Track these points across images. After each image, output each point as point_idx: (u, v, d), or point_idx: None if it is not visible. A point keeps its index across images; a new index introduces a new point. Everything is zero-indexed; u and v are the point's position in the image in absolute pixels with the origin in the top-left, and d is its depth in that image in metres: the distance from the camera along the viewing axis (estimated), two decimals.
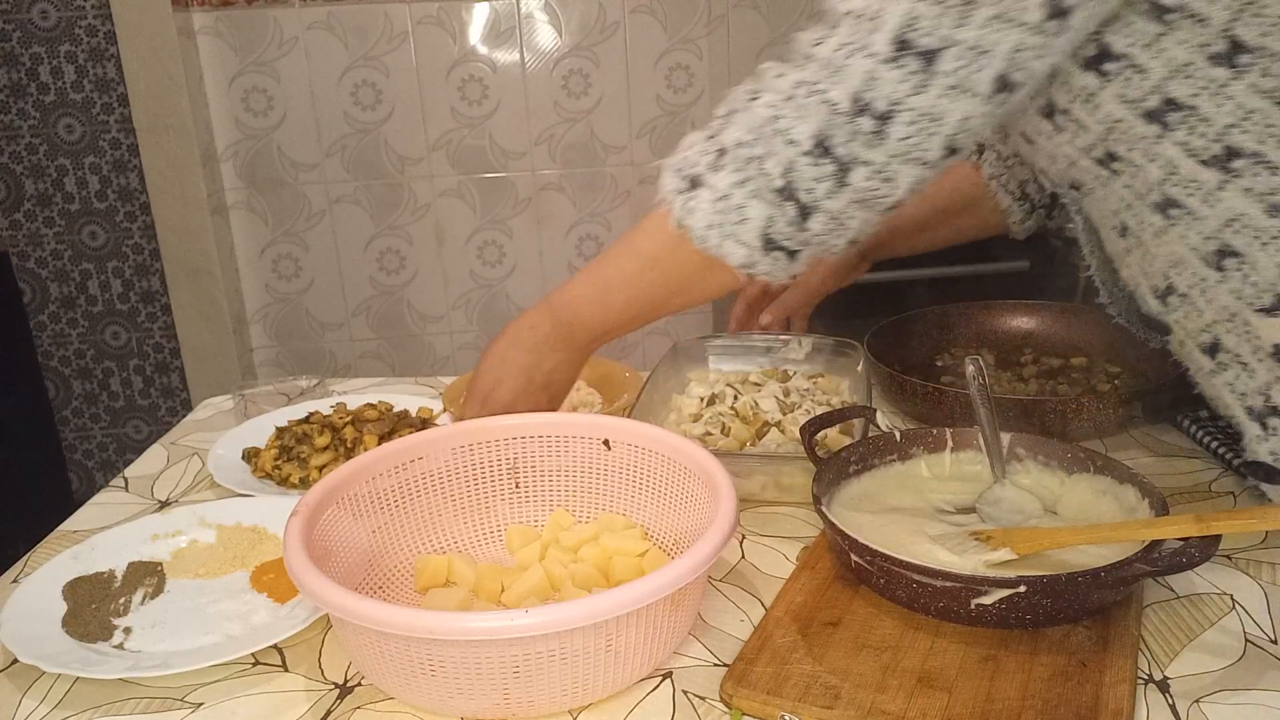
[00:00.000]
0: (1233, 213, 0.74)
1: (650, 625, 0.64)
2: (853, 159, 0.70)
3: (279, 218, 2.56)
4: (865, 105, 0.68)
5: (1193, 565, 0.67)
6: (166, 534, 0.88)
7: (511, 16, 2.47)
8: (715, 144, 0.76)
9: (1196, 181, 0.74)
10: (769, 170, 0.72)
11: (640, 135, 2.61)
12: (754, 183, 0.73)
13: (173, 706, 0.68)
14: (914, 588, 0.71)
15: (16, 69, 2.49)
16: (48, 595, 0.79)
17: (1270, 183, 0.72)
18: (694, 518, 0.77)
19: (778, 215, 0.73)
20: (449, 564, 0.79)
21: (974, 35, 0.65)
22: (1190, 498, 0.90)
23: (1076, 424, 0.98)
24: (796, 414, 1.02)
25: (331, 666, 0.72)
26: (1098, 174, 0.81)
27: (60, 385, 2.76)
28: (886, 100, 0.67)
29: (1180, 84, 0.71)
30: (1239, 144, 0.71)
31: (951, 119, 0.68)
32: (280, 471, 1.00)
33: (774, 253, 0.75)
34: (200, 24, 2.38)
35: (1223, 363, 0.82)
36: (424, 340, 2.71)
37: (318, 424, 1.04)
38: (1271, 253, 0.74)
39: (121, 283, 2.69)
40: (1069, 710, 0.61)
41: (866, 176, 0.70)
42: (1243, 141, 0.71)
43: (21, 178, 2.58)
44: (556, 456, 0.86)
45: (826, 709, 0.62)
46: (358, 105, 2.49)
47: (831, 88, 0.69)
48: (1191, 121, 0.72)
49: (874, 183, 0.70)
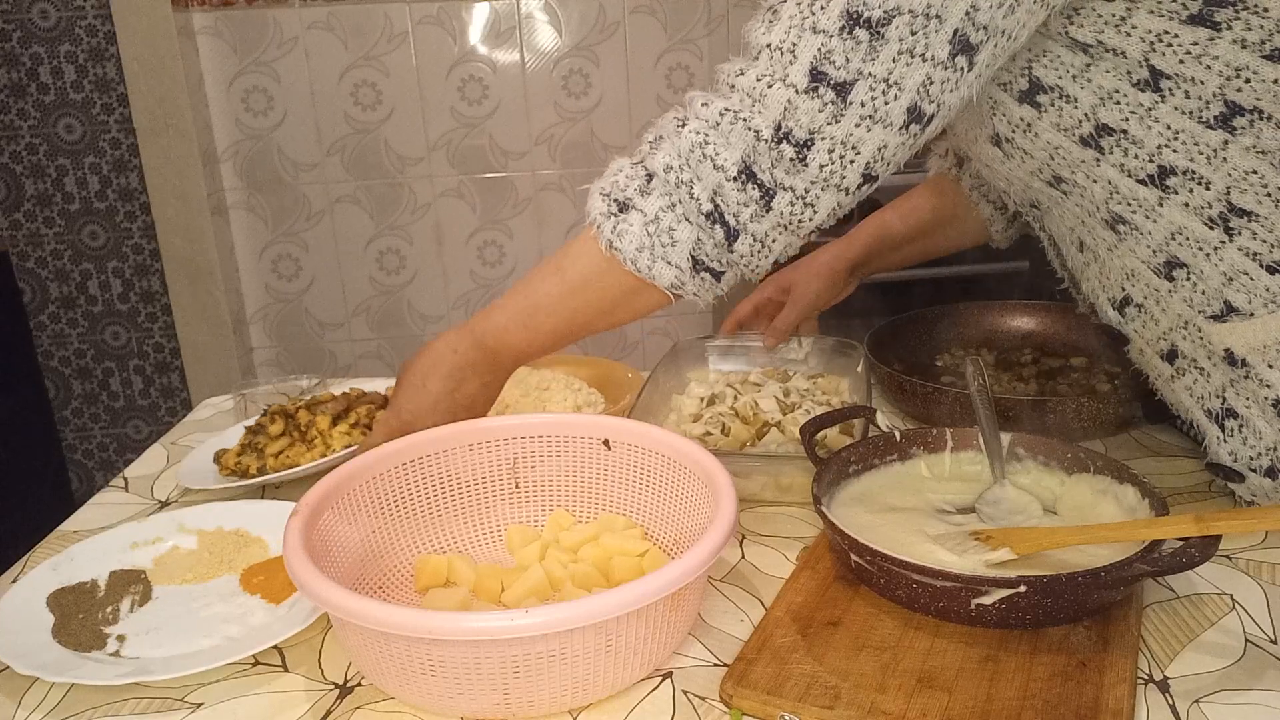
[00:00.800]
0: (1174, 226, 0.78)
1: (650, 625, 0.64)
2: (776, 185, 0.72)
3: (279, 218, 2.56)
4: (786, 133, 0.71)
5: (1193, 565, 0.67)
6: (146, 541, 0.88)
7: (511, 16, 2.47)
8: (643, 169, 0.77)
9: (1137, 199, 0.78)
10: (697, 195, 0.74)
11: (640, 135, 2.60)
12: (683, 206, 0.75)
13: (173, 707, 0.68)
14: (914, 588, 0.71)
15: (16, 69, 2.49)
16: (32, 607, 0.79)
17: (1204, 196, 0.76)
18: (694, 518, 0.77)
19: (705, 238, 0.75)
20: (449, 564, 0.79)
21: (884, 69, 0.68)
22: (1190, 498, 0.90)
23: (1076, 424, 0.98)
24: (796, 414, 1.02)
25: (331, 666, 0.72)
26: (1050, 194, 0.85)
27: (60, 385, 2.76)
28: (805, 129, 0.70)
29: (1110, 110, 0.76)
30: (1171, 163, 0.76)
31: (868, 148, 0.71)
32: (241, 464, 1.00)
33: (701, 274, 0.77)
34: (200, 24, 2.38)
35: (1180, 368, 0.85)
36: (424, 340, 2.71)
37: (272, 413, 1.04)
38: (1214, 262, 0.78)
39: (121, 283, 2.69)
40: (1069, 710, 0.61)
41: (789, 202, 0.73)
42: (1174, 160, 0.75)
43: (21, 178, 2.58)
44: (556, 456, 0.86)
45: (826, 709, 0.62)
46: (358, 105, 2.49)
47: (754, 116, 0.72)
48: (1125, 144, 0.76)
49: (796, 208, 0.73)
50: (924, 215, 1.18)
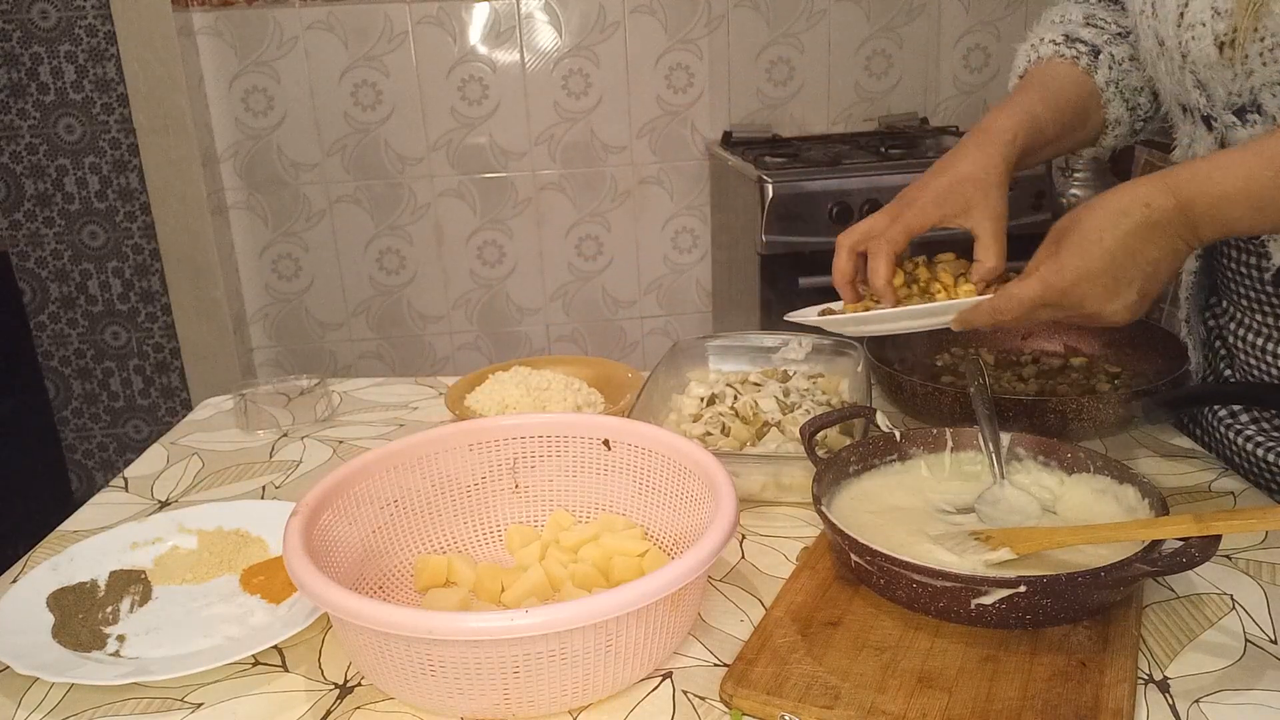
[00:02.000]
0: None
1: (650, 625, 0.64)
2: None
3: (279, 218, 2.56)
4: None
5: (1193, 565, 0.67)
6: (146, 541, 0.88)
7: (511, 16, 2.47)
8: None
9: None
10: None
11: (640, 135, 2.61)
12: None
13: (173, 707, 0.68)
14: (914, 588, 0.71)
15: (16, 69, 2.49)
16: (32, 608, 0.79)
17: None
18: (694, 518, 0.77)
19: None
20: (449, 564, 0.79)
21: None
22: (1190, 498, 0.90)
23: (1076, 424, 0.98)
24: (796, 414, 1.02)
25: (331, 666, 0.72)
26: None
27: (60, 385, 2.76)
28: None
29: None
30: None
31: None
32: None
33: None
34: (200, 24, 2.38)
35: None
36: (424, 340, 2.72)
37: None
38: None
39: (121, 283, 2.69)
40: (1069, 710, 0.61)
41: None
42: None
43: (21, 178, 2.58)
44: (556, 456, 0.86)
45: (826, 709, 0.62)
46: (358, 105, 2.49)
47: None
48: None
49: None
50: (1069, 106, 0.99)
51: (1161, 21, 0.86)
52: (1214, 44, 0.79)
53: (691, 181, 2.65)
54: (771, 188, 2.15)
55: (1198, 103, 0.86)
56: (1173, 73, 0.86)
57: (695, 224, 2.69)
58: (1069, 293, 0.75)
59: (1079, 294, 0.75)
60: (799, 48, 2.59)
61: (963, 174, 0.90)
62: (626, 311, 2.76)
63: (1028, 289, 0.76)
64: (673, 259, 2.72)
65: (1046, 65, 0.99)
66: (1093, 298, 0.76)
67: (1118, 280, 0.75)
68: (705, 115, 2.61)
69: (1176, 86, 0.87)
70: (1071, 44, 0.99)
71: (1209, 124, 0.86)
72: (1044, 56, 0.99)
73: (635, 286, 2.74)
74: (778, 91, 2.62)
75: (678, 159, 2.64)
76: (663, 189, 2.66)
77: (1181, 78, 0.85)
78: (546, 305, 2.73)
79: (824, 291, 0.98)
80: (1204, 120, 0.86)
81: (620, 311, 2.76)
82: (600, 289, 2.73)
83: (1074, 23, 1.01)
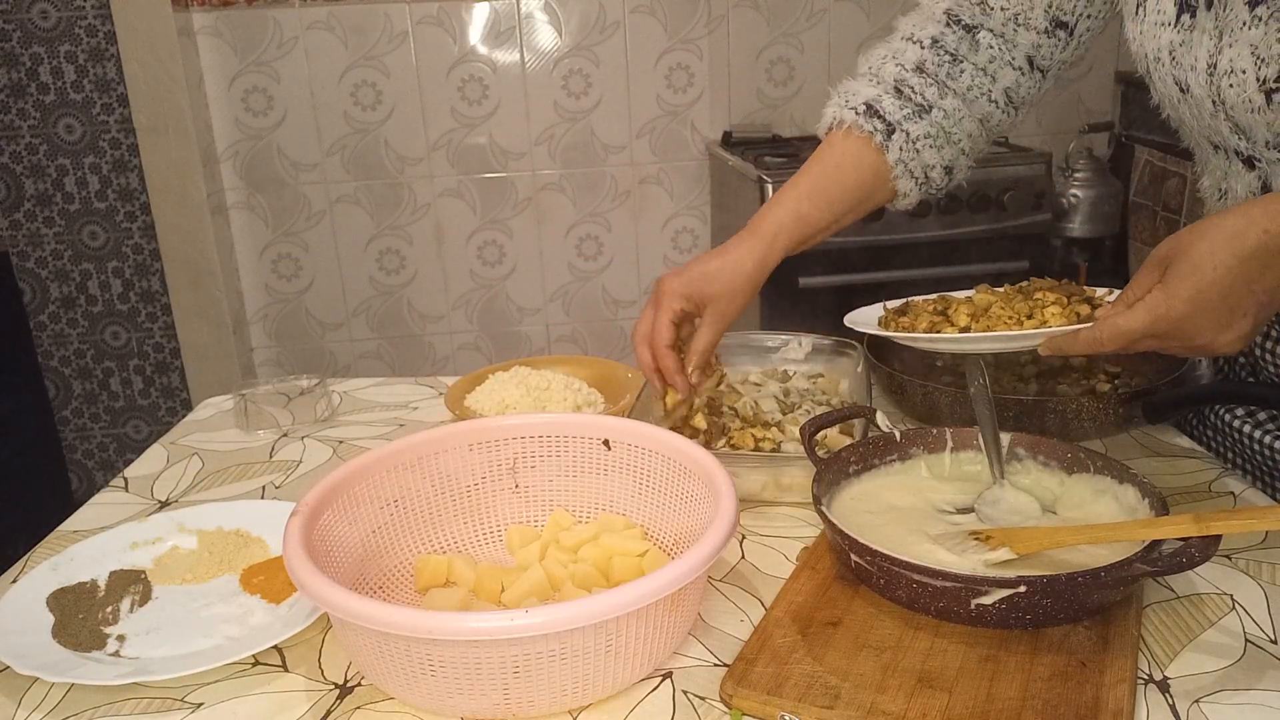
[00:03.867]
0: None
1: (650, 625, 0.64)
2: None
3: (279, 218, 2.56)
4: None
5: (1193, 565, 0.67)
6: (146, 541, 0.88)
7: (511, 16, 2.47)
8: None
9: None
10: None
11: (640, 135, 2.61)
12: None
13: (173, 707, 0.68)
14: (914, 588, 0.71)
15: (16, 69, 2.49)
16: (32, 607, 0.79)
17: None
18: (694, 518, 0.77)
19: None
20: (449, 564, 0.79)
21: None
22: (1190, 498, 0.90)
23: (1076, 424, 0.98)
24: (796, 414, 1.02)
25: (331, 666, 0.72)
26: None
27: (60, 385, 2.76)
28: None
29: None
30: None
31: None
32: (933, 322, 0.88)
33: None
34: (200, 24, 2.39)
35: None
36: (424, 340, 2.72)
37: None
38: None
39: (121, 283, 2.69)
40: (1069, 710, 0.61)
41: None
42: None
43: (21, 178, 2.58)
44: (556, 456, 0.86)
45: (826, 709, 0.62)
46: (358, 105, 2.49)
47: None
48: None
49: None
50: (848, 194, 1.01)
51: (1183, 69, 0.83)
52: (1259, 90, 0.76)
53: (691, 181, 2.65)
54: (771, 188, 2.14)
55: (1235, 145, 0.84)
56: (1200, 117, 0.84)
57: (695, 224, 2.69)
58: (1180, 324, 0.71)
59: (1191, 326, 0.71)
60: (799, 48, 2.59)
61: (711, 271, 0.97)
62: (626, 311, 2.76)
63: (1134, 320, 0.72)
64: (673, 259, 2.71)
65: (842, 139, 1.00)
66: (1206, 329, 0.71)
67: (1233, 310, 0.70)
68: (705, 115, 2.61)
69: (1205, 129, 0.86)
70: (870, 118, 0.99)
71: (1251, 164, 0.84)
72: (845, 123, 1.00)
73: (635, 286, 2.74)
74: (778, 91, 2.62)
75: (678, 159, 2.64)
76: (663, 189, 2.66)
77: (1213, 123, 0.84)
78: (546, 305, 2.73)
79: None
80: (1244, 160, 0.85)
81: (620, 311, 2.76)
82: (600, 289, 2.73)
83: (886, 83, 0.99)
